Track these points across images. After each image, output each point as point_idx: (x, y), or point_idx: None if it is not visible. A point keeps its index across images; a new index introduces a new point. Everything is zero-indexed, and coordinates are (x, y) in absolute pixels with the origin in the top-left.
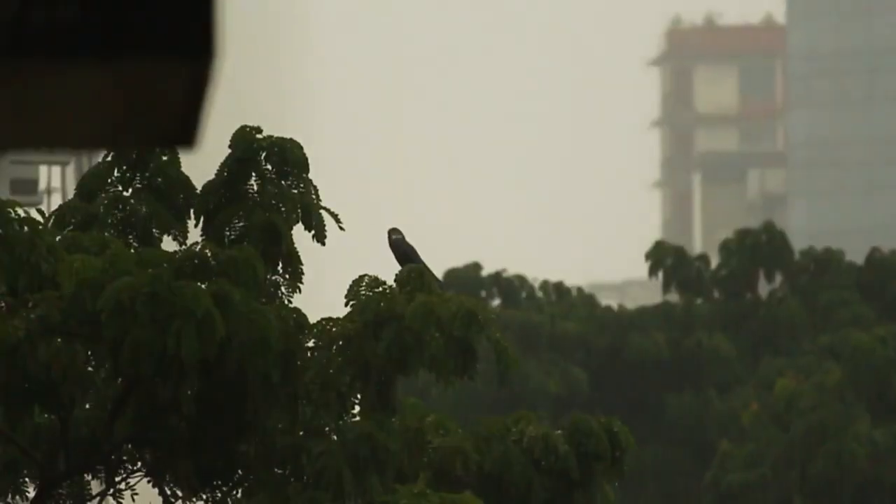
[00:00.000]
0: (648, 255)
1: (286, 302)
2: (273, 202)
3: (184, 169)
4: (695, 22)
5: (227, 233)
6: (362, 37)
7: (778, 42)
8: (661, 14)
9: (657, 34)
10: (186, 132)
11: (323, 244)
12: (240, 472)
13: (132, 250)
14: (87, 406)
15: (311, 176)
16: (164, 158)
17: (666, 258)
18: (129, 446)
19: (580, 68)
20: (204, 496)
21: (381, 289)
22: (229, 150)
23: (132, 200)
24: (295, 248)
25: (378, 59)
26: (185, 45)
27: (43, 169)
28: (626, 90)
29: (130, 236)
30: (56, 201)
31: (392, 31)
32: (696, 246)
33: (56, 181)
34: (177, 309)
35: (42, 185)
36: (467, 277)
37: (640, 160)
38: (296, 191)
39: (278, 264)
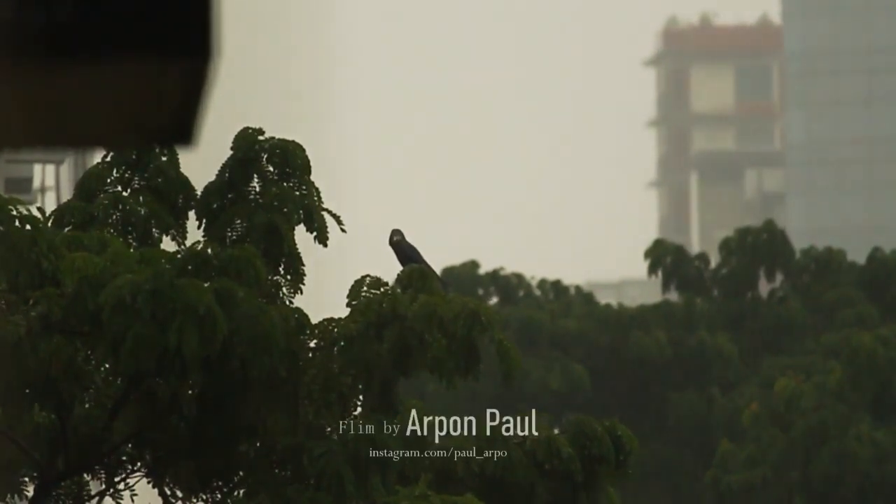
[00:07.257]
0: (648, 254)
1: (287, 302)
2: (275, 203)
3: (183, 169)
4: (691, 22)
5: (229, 233)
6: (362, 36)
7: (774, 42)
8: (657, 14)
9: (653, 34)
10: (185, 131)
11: (325, 245)
12: (240, 472)
13: (132, 250)
14: (87, 405)
15: (312, 177)
16: (164, 158)
17: (665, 257)
18: (129, 446)
19: (577, 68)
20: (204, 497)
21: (382, 289)
22: (231, 151)
23: (131, 200)
24: (296, 249)
25: (378, 59)
26: (184, 45)
27: (37, 167)
28: (622, 90)
29: (130, 236)
30: (50, 199)
31: (394, 32)
32: (694, 246)
33: (50, 180)
34: (178, 306)
35: (36, 183)
36: (465, 275)
37: (637, 160)
38: (297, 192)
39: (280, 265)
